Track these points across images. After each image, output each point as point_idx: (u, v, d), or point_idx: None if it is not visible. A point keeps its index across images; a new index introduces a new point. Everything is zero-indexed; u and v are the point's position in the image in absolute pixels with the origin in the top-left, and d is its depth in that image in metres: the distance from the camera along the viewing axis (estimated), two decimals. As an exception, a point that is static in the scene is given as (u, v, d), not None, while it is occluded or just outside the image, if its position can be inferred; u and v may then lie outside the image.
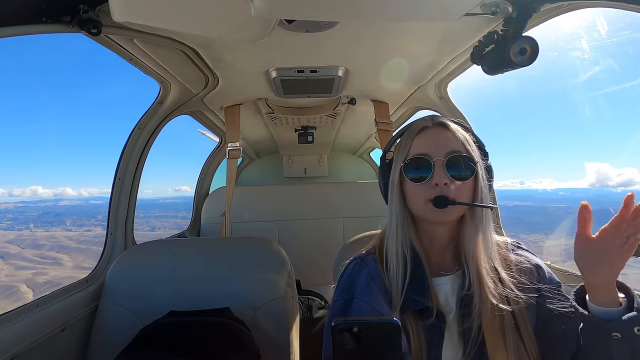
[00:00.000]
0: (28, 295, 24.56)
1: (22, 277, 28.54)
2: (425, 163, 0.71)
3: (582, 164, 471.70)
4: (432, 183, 0.70)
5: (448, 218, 0.71)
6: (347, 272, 0.79)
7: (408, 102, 1.76)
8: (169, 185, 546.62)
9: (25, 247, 36.69)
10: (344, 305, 0.73)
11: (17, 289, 25.92)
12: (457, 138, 0.73)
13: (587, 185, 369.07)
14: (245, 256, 1.25)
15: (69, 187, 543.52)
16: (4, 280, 27.61)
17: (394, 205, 0.76)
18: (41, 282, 27.58)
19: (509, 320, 0.68)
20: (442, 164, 0.70)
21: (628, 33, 2.07)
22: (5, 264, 32.71)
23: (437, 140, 0.73)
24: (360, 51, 1.19)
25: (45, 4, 0.74)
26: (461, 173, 0.70)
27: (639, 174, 67.53)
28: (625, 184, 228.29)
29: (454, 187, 0.70)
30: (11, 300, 24.01)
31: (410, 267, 0.72)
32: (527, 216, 17.44)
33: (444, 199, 0.68)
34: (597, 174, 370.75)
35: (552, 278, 0.75)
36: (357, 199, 2.45)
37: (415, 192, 0.73)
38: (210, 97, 1.56)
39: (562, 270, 1.10)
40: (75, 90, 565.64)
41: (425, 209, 0.71)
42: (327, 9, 0.73)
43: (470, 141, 0.74)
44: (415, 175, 0.72)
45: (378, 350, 0.48)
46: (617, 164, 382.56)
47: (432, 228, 0.76)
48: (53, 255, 33.59)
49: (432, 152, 0.71)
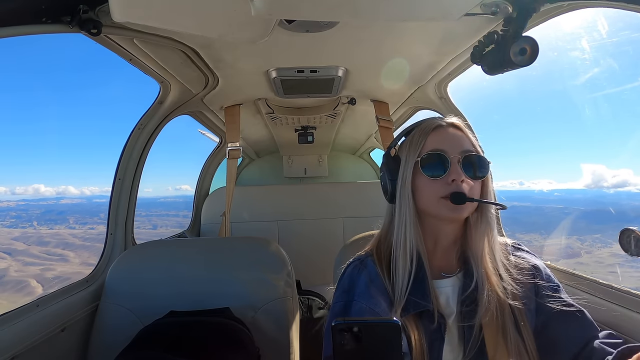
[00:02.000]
0: (38, 290, 24.90)
1: (30, 273, 28.81)
2: (441, 159, 0.72)
3: (581, 166, 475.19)
4: (449, 179, 0.70)
5: (462, 215, 0.72)
6: (347, 274, 0.79)
7: (408, 102, 1.76)
8: (169, 184, 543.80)
9: (31, 244, 36.98)
10: (344, 307, 0.73)
11: (28, 283, 26.17)
12: (469, 139, 0.75)
13: (583, 186, 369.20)
14: (245, 256, 1.24)
15: (71, 185, 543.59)
16: (14, 275, 27.90)
17: (404, 202, 0.75)
18: (50, 277, 27.82)
19: (509, 321, 0.68)
20: (459, 161, 0.71)
21: (628, 33, 2.07)
22: (13, 260, 33.02)
23: (452, 138, 0.74)
24: (360, 51, 1.19)
25: (45, 4, 0.74)
26: (476, 172, 0.72)
27: (634, 176, 67.47)
28: (620, 185, 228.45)
29: (469, 186, 0.70)
30: (23, 294, 24.36)
31: (415, 268, 0.72)
32: (525, 216, 17.56)
33: (462, 196, 0.69)
34: (593, 175, 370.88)
35: (551, 279, 0.74)
36: (357, 199, 2.45)
37: (429, 188, 0.72)
38: (210, 97, 1.56)
39: (562, 270, 1.10)
40: (76, 91, 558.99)
41: (439, 205, 0.71)
42: (327, 9, 0.73)
43: (478, 143, 0.76)
44: (431, 171, 0.72)
45: (378, 350, 0.48)
46: (612, 165, 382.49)
47: (438, 227, 0.75)
48: (59, 252, 33.89)
49: (448, 149, 0.72)
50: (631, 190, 38.13)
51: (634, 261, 0.61)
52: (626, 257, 0.63)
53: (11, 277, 27.85)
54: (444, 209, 0.71)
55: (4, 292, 26.00)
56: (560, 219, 19.67)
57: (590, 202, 34.39)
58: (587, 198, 41.35)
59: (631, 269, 1.42)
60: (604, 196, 52.10)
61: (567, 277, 1.07)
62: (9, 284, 26.66)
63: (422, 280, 0.71)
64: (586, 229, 18.63)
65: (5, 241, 40.23)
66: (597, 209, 21.66)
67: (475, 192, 0.72)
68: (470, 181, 0.71)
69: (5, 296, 24.98)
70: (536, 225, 16.02)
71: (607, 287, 0.91)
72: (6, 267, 31.30)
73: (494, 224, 0.75)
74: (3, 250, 35.88)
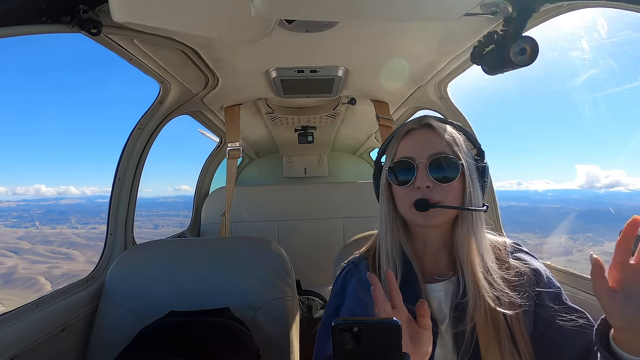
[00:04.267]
0: (47, 287, 25.25)
1: (38, 270, 29.12)
2: (408, 166, 0.71)
3: (575, 166, 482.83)
4: (415, 186, 0.70)
5: (433, 222, 0.70)
6: (341, 277, 0.80)
7: (408, 102, 1.76)
8: (168, 184, 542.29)
9: (36, 243, 37.24)
10: (334, 310, 0.75)
11: (37, 280, 26.46)
12: (442, 139, 0.71)
13: (577, 186, 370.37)
14: (245, 256, 1.24)
15: (72, 185, 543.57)
16: (23, 273, 28.21)
17: (383, 209, 0.76)
18: (58, 275, 28.10)
19: (503, 326, 0.67)
20: (425, 166, 0.69)
21: (628, 33, 2.08)
22: (20, 259, 33.35)
23: (421, 142, 0.72)
24: (360, 51, 1.19)
25: (45, 4, 0.74)
26: (445, 175, 0.69)
27: (626, 177, 67.78)
28: (612, 185, 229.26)
29: (440, 190, 0.69)
30: (33, 290, 24.65)
31: (401, 272, 0.72)
32: (520, 216, 17.72)
33: (425, 202, 0.68)
34: (587, 175, 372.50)
35: (552, 282, 0.73)
36: (357, 199, 2.44)
37: (402, 195, 0.72)
38: (210, 97, 1.56)
39: (562, 270, 1.10)
40: (76, 91, 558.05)
41: (411, 212, 0.71)
42: (327, 9, 0.73)
43: (460, 141, 0.72)
44: (399, 179, 0.72)
45: (378, 350, 0.48)
46: (605, 165, 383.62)
47: (423, 231, 0.75)
48: (64, 251, 34.21)
49: (415, 155, 0.71)
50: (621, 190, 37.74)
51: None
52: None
53: (20, 274, 28.19)
54: (414, 216, 0.70)
55: (14, 288, 26.38)
56: (554, 218, 20.02)
57: (583, 202, 34.87)
58: (580, 199, 42.08)
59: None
60: (597, 196, 52.75)
61: (567, 277, 1.07)
62: (19, 281, 27.02)
63: (413, 285, 0.71)
64: (580, 228, 18.81)
65: (11, 240, 40.62)
66: (591, 209, 21.98)
67: (450, 195, 0.69)
68: (441, 185, 0.68)
69: (16, 292, 25.30)
70: (530, 225, 16.19)
71: None
72: (14, 265, 31.72)
73: (480, 225, 0.72)
74: (9, 249, 36.27)
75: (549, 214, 21.93)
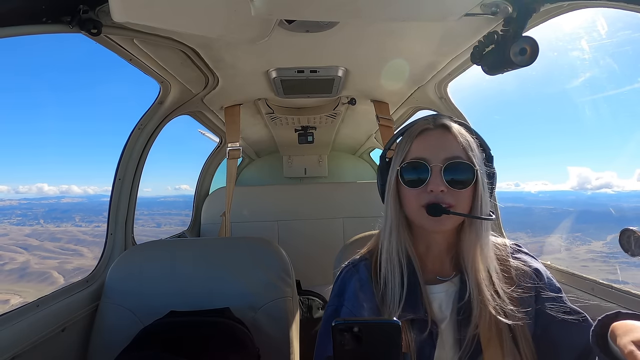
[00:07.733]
0: (60, 280, 25.67)
1: (50, 265, 29.50)
2: (422, 168, 0.68)
3: (578, 167, 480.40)
4: (428, 189, 0.67)
5: (443, 227, 0.69)
6: (341, 278, 0.79)
7: (408, 102, 1.76)
8: (168, 184, 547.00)
9: (44, 240, 37.66)
10: (334, 312, 0.74)
11: (50, 274, 26.88)
12: (458, 142, 0.69)
13: (569, 188, 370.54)
14: (245, 256, 1.24)
15: (74, 184, 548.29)
16: (36, 267, 28.68)
17: (389, 208, 0.74)
18: (70, 269, 28.52)
19: (506, 331, 0.66)
20: (440, 170, 0.67)
21: (628, 33, 2.08)
22: (30, 255, 33.78)
23: (437, 144, 0.70)
24: (360, 51, 1.19)
25: (45, 4, 0.74)
26: (460, 180, 0.67)
27: (617, 178, 67.81)
28: (602, 187, 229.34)
29: (452, 195, 0.67)
30: (47, 283, 25.25)
31: (406, 275, 0.71)
32: (515, 216, 17.96)
33: (438, 207, 0.66)
34: (579, 177, 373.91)
35: (552, 283, 0.72)
36: (357, 199, 2.44)
37: (411, 196, 0.70)
38: (210, 97, 1.56)
39: (562, 270, 1.10)
40: (76, 91, 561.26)
41: (420, 215, 0.69)
42: (327, 9, 0.73)
43: (474, 145, 0.70)
44: (411, 180, 0.70)
45: (378, 350, 0.48)
46: (597, 167, 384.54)
47: (428, 235, 0.74)
48: (72, 247, 34.59)
49: (430, 157, 0.68)
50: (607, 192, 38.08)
51: (607, 256, 0.61)
52: (601, 252, 0.62)
53: (34, 269, 28.66)
54: (423, 219, 0.68)
55: (30, 282, 26.86)
56: (546, 219, 20.61)
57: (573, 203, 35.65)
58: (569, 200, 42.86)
59: (602, 263, 1.44)
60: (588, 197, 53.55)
61: (567, 278, 1.07)
62: (33, 275, 27.47)
63: (414, 287, 0.70)
64: (570, 228, 19.13)
65: (19, 238, 41.09)
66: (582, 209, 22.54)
67: (462, 200, 0.67)
68: (455, 190, 0.67)
69: (32, 285, 25.73)
70: (523, 224, 16.48)
71: (607, 287, 0.91)
72: (26, 260, 32.28)
73: (487, 231, 0.71)
74: (19, 245, 36.75)
75: (541, 214, 22.33)
